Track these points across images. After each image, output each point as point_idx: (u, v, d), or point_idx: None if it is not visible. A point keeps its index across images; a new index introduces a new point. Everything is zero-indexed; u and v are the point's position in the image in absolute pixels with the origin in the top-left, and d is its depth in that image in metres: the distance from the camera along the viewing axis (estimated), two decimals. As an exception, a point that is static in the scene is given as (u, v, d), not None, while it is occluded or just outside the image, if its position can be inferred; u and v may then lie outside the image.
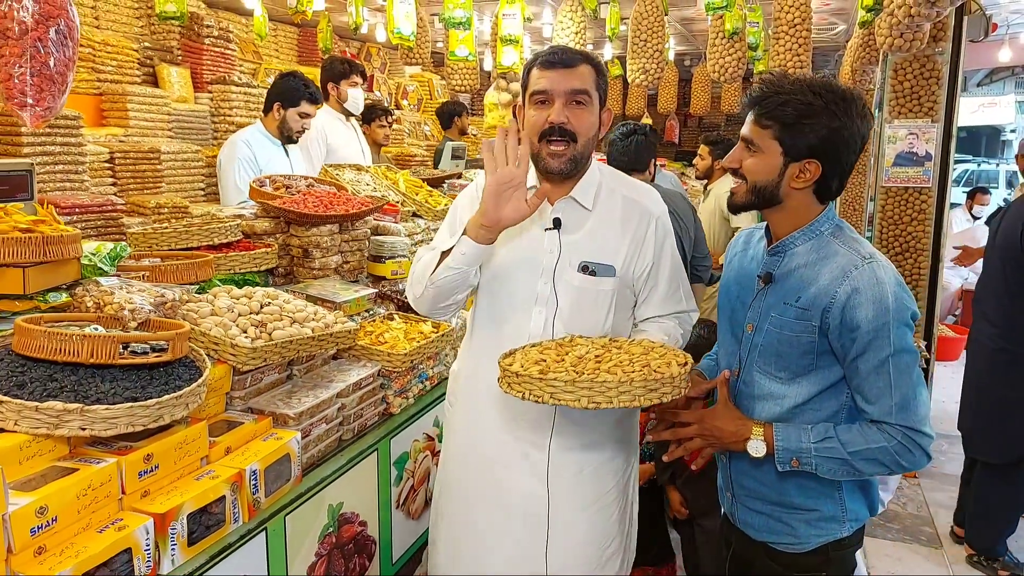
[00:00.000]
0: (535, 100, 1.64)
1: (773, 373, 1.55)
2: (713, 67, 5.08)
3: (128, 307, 1.62)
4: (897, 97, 4.11)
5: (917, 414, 1.43)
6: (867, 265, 1.44)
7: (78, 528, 1.27)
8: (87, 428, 1.31)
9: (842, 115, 1.44)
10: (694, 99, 9.43)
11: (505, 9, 4.88)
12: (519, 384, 1.42)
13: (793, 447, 1.48)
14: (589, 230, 1.70)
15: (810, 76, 1.51)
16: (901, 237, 4.16)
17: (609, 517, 1.78)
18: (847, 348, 1.45)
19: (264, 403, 1.84)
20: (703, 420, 1.59)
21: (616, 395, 1.38)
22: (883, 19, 3.53)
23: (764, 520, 1.63)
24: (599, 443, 1.75)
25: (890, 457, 1.43)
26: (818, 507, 1.57)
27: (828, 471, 1.47)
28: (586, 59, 1.65)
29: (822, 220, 1.53)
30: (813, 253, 1.51)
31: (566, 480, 1.73)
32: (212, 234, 2.34)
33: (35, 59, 1.50)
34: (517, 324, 1.70)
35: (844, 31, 7.55)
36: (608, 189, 1.75)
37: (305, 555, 1.87)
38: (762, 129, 1.48)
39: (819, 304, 1.46)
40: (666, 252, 1.77)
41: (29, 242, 1.47)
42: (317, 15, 5.83)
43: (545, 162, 1.65)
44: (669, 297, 1.79)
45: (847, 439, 1.45)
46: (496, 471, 1.76)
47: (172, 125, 4.45)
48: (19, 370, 1.38)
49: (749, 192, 1.53)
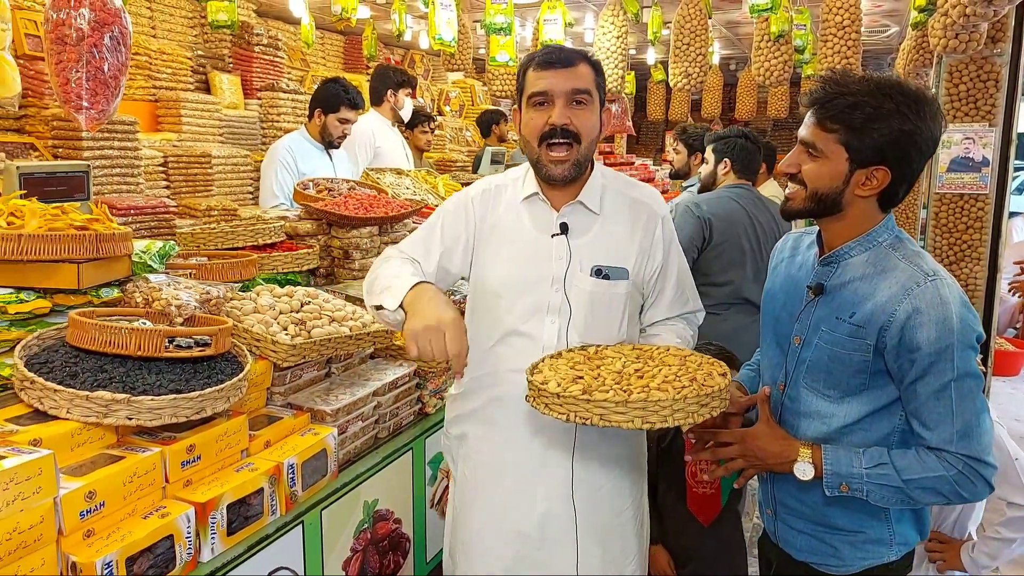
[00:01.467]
0: (534, 102, 1.58)
1: (821, 391, 1.47)
2: (758, 70, 5.01)
3: (175, 303, 1.68)
4: (952, 100, 3.99)
5: (980, 443, 1.33)
6: (930, 283, 1.35)
7: (124, 514, 1.32)
8: (133, 417, 1.36)
9: (915, 118, 1.33)
10: (739, 104, 9.31)
11: (546, 15, 4.90)
12: (560, 405, 1.34)
13: (844, 472, 1.39)
14: (598, 233, 1.64)
15: (877, 75, 1.39)
16: (956, 245, 4.04)
17: (629, 533, 1.74)
18: (905, 370, 1.36)
19: (303, 399, 1.88)
20: (745, 440, 1.50)
21: (670, 413, 1.31)
22: (937, 20, 3.44)
23: (806, 540, 1.55)
24: (618, 457, 1.70)
25: (950, 487, 1.33)
26: (864, 529, 1.48)
27: (880, 498, 1.38)
28: (584, 58, 1.60)
29: (880, 230, 1.43)
30: (870, 266, 1.41)
31: (589, 498, 1.66)
32: (257, 235, 2.41)
33: (90, 64, 1.57)
34: (529, 337, 1.62)
35: (896, 33, 7.36)
36: (613, 191, 1.69)
37: (340, 549, 1.90)
38: (826, 133, 1.37)
39: (876, 322, 1.37)
40: (673, 252, 1.73)
41: (83, 239, 1.54)
42: (362, 23, 5.94)
43: (547, 169, 1.59)
44: (677, 299, 1.75)
45: (903, 465, 1.36)
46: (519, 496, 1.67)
47: (223, 130, 4.59)
48: (72, 361, 1.45)
49: (808, 199, 1.42)
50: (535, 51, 1.67)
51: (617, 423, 1.30)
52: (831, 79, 1.40)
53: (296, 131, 3.75)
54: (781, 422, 1.55)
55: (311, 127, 3.65)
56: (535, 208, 1.66)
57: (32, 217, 1.52)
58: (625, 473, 1.72)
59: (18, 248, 1.49)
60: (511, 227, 1.66)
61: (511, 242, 1.64)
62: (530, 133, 1.59)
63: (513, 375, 1.60)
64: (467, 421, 1.74)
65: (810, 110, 1.41)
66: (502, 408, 1.66)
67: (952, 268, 3.98)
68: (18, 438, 1.26)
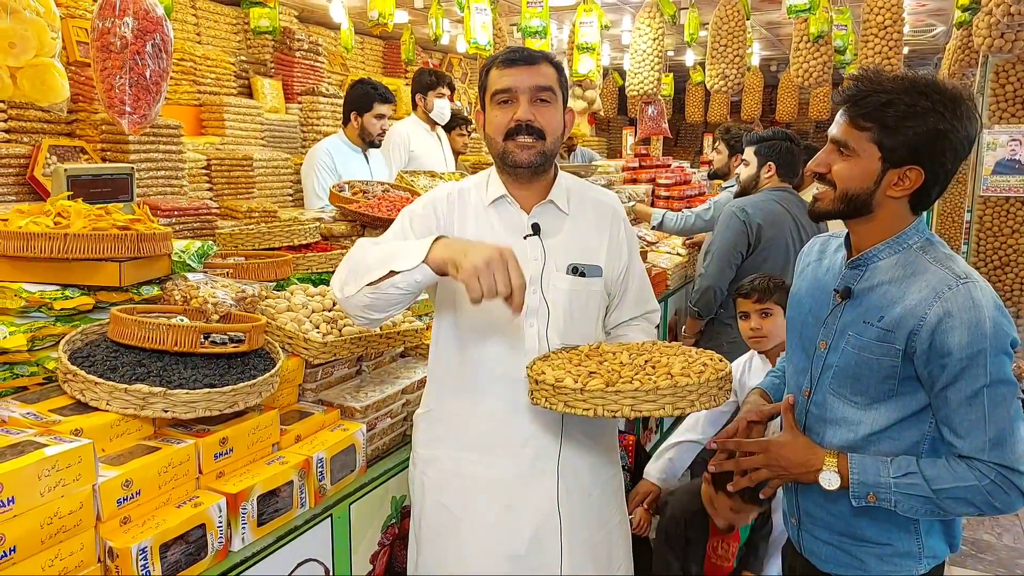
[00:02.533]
0: (497, 100, 1.56)
1: (848, 397, 1.44)
2: (796, 71, 4.94)
3: (211, 301, 1.73)
4: (998, 101, 3.88)
5: (1015, 451, 1.29)
6: (962, 286, 1.31)
7: (159, 502, 1.38)
8: (169, 410, 1.42)
9: (950, 116, 1.30)
10: (780, 105, 9.17)
11: (582, 17, 4.91)
12: (584, 401, 1.34)
13: (871, 481, 1.36)
14: (569, 232, 1.63)
15: (911, 73, 1.36)
16: (1000, 250, 3.92)
17: (618, 537, 1.74)
18: (935, 376, 1.32)
19: (333, 396, 1.93)
20: (768, 450, 1.48)
21: (697, 397, 1.35)
22: (981, 19, 3.35)
23: (832, 551, 1.51)
24: (603, 464, 1.70)
25: (982, 497, 1.30)
26: (892, 541, 1.44)
27: (909, 509, 1.34)
28: (547, 58, 1.59)
29: (911, 232, 1.40)
30: (899, 268, 1.38)
31: (578, 507, 1.64)
32: (293, 235, 2.47)
33: (133, 71, 1.64)
34: (508, 342, 1.58)
35: (943, 33, 7.17)
36: (576, 192, 1.69)
37: (368, 543, 1.93)
38: (858, 131, 1.35)
39: (905, 326, 1.33)
40: (635, 252, 1.74)
41: (125, 239, 1.61)
42: (400, 28, 6.02)
43: (513, 156, 1.55)
44: (640, 298, 1.75)
45: (932, 475, 1.32)
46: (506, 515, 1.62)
47: (264, 134, 4.70)
48: (113, 355, 1.51)
49: (838, 200, 1.39)
50: (497, 52, 1.66)
51: (649, 412, 1.33)
52: (864, 77, 1.37)
53: (334, 135, 3.84)
54: (806, 429, 1.52)
55: (348, 131, 3.73)
56: (504, 211, 1.63)
57: (77, 217, 1.60)
58: (611, 477, 1.72)
59: (64, 247, 1.56)
60: (481, 232, 1.61)
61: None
62: (495, 130, 1.57)
63: (493, 385, 1.59)
64: (440, 443, 1.68)
65: (842, 108, 1.39)
66: (481, 423, 1.62)
67: (996, 273, 3.87)
68: (60, 428, 1.32)
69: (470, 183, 1.69)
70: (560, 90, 1.60)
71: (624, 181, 5.01)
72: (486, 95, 1.60)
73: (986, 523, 3.58)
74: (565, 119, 1.63)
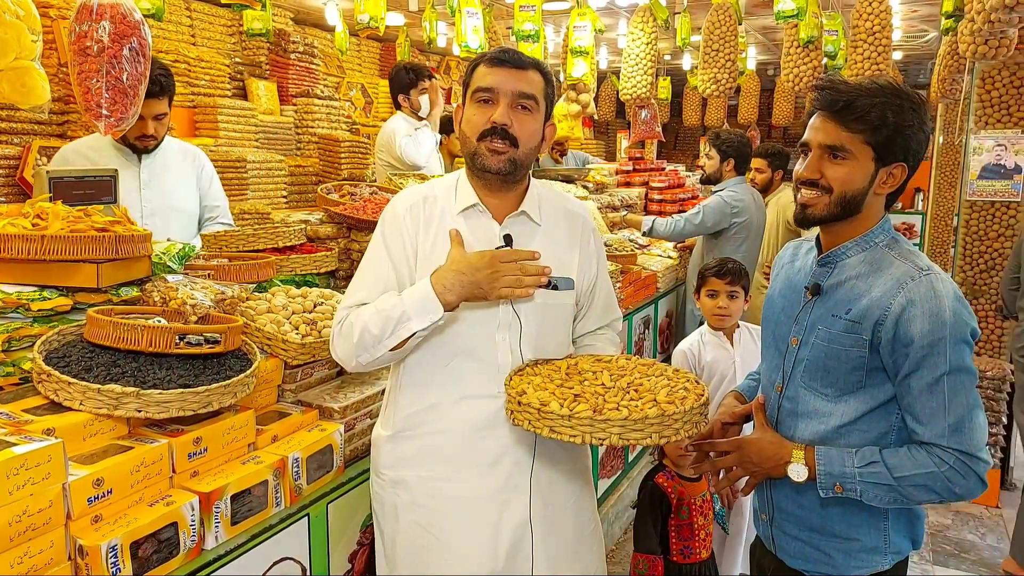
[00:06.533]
0: (478, 98, 1.52)
1: (819, 389, 1.49)
2: (787, 76, 4.96)
3: (190, 302, 1.75)
4: (984, 107, 3.90)
5: (973, 438, 1.34)
6: (924, 277, 1.37)
7: (131, 501, 1.39)
8: (142, 410, 1.43)
9: (921, 114, 1.41)
10: (776, 109, 9.20)
11: (576, 21, 4.93)
12: (571, 428, 1.33)
13: (836, 472, 1.40)
14: (542, 244, 1.58)
15: (880, 78, 1.46)
16: (987, 253, 3.95)
17: (594, 546, 1.74)
18: (899, 364, 1.38)
19: (313, 397, 1.94)
20: (741, 448, 1.53)
21: (682, 426, 1.35)
22: (964, 26, 3.38)
23: (800, 547, 1.55)
24: (575, 472, 1.69)
25: (942, 483, 1.34)
26: (859, 537, 1.49)
27: (874, 498, 1.39)
28: (536, 66, 1.55)
29: (877, 231, 1.47)
30: (866, 264, 1.45)
31: (552, 520, 1.63)
32: (277, 237, 2.49)
33: (110, 74, 1.66)
34: (479, 357, 1.55)
35: (936, 38, 7.20)
36: (549, 201, 1.66)
37: (347, 543, 1.95)
38: (851, 134, 1.40)
39: (871, 317, 1.39)
40: (603, 261, 1.74)
41: (103, 240, 1.63)
42: (395, 30, 6.04)
43: (483, 159, 1.51)
44: (606, 308, 1.75)
45: (894, 463, 1.37)
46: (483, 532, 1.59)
47: (258, 136, 4.73)
48: (88, 356, 1.53)
49: (835, 204, 1.43)
50: (487, 50, 1.68)
51: (635, 440, 1.33)
52: (839, 83, 1.44)
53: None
54: (779, 423, 1.57)
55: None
56: (474, 220, 1.59)
57: (55, 219, 1.62)
58: (583, 485, 1.72)
59: (41, 248, 1.58)
60: (449, 243, 1.55)
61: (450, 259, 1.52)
62: (470, 129, 1.54)
63: (465, 402, 1.57)
64: (408, 464, 1.63)
65: (827, 115, 1.43)
66: (453, 442, 1.59)
67: (983, 276, 3.90)
68: (32, 427, 1.34)
69: (438, 189, 1.64)
70: (544, 101, 1.56)
71: (618, 184, 5.03)
72: (468, 91, 1.57)
73: (970, 523, 3.60)
74: (545, 131, 1.60)
